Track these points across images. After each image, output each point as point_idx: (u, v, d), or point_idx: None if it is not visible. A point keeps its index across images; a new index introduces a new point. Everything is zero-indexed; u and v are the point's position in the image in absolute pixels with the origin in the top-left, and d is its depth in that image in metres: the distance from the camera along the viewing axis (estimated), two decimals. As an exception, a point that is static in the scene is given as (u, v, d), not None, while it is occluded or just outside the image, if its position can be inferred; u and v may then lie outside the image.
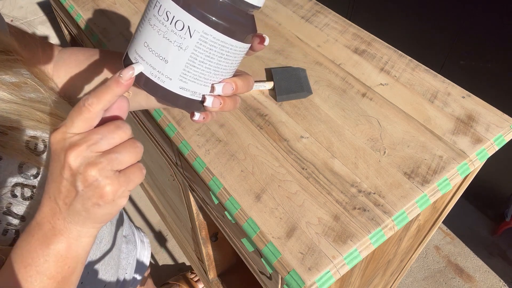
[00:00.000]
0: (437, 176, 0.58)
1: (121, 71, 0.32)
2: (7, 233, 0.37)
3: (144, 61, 0.35)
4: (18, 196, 0.38)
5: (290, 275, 0.50)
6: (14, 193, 0.38)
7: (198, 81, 0.36)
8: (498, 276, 1.49)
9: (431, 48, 1.41)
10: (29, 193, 0.39)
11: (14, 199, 0.38)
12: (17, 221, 0.38)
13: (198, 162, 0.62)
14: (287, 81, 0.71)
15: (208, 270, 1.15)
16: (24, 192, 0.39)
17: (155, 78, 0.36)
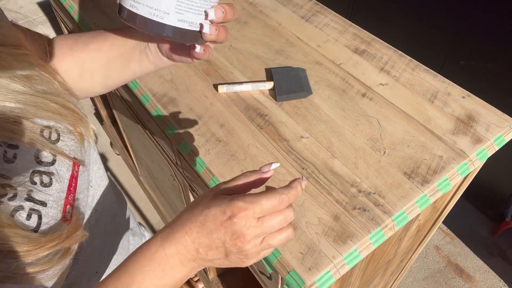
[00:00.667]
0: (437, 176, 0.58)
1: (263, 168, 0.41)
2: (31, 218, 0.39)
3: (140, 3, 0.39)
4: (37, 183, 0.40)
5: (290, 275, 0.50)
6: (33, 180, 0.40)
7: (192, 10, 0.40)
8: (498, 276, 1.49)
9: (431, 48, 1.41)
10: (47, 180, 0.41)
11: (34, 186, 0.40)
12: (39, 207, 0.40)
13: (198, 162, 0.62)
14: (287, 81, 0.71)
15: (208, 270, 1.15)
16: (42, 179, 0.41)
17: (155, 16, 0.39)
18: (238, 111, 0.68)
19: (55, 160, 0.42)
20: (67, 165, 0.44)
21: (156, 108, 0.71)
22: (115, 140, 1.53)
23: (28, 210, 0.38)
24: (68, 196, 0.44)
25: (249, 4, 0.89)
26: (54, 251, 0.39)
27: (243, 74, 0.74)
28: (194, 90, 0.72)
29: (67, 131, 0.44)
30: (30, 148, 0.40)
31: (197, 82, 0.74)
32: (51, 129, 0.42)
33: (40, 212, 0.40)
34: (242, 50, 0.79)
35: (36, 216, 0.39)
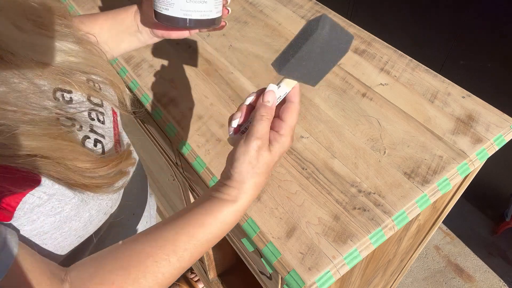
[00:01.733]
0: (437, 176, 0.58)
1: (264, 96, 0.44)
2: (97, 145, 0.47)
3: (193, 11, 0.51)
4: (95, 119, 0.48)
5: (290, 275, 0.50)
6: (91, 116, 0.48)
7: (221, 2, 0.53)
8: (498, 276, 1.49)
9: (431, 48, 1.41)
10: (102, 118, 0.50)
11: (93, 122, 0.48)
12: (101, 138, 0.48)
13: (198, 162, 0.62)
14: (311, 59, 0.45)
15: (208, 270, 1.15)
16: (98, 116, 0.49)
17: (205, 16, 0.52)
18: (238, 111, 0.68)
19: (102, 102, 0.51)
20: (110, 109, 0.53)
21: (156, 108, 0.71)
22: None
23: (94, 139, 0.47)
24: (115, 134, 0.52)
25: (249, 4, 0.89)
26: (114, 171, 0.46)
27: (243, 74, 0.74)
28: (194, 90, 0.72)
29: (106, 83, 0.53)
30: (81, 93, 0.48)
31: (197, 82, 0.74)
32: (93, 81, 0.51)
33: (102, 142, 0.48)
34: (242, 50, 0.79)
35: (100, 145, 0.47)
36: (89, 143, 0.46)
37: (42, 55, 0.44)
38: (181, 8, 0.50)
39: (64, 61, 0.47)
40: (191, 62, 0.78)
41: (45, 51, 0.45)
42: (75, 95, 0.47)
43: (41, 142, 0.39)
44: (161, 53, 0.80)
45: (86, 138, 0.46)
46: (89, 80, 0.50)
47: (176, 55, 0.79)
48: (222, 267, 1.18)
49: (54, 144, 0.40)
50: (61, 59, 0.46)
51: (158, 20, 0.52)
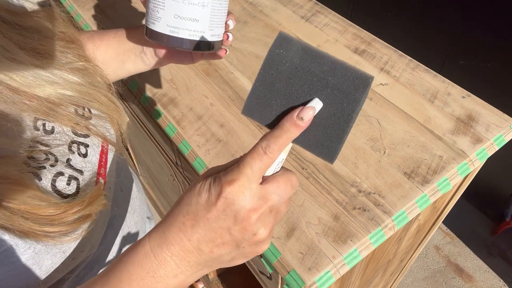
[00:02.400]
0: (437, 176, 0.58)
1: (299, 112, 0.31)
2: (70, 183, 0.42)
3: (181, 28, 0.45)
4: (75, 152, 0.44)
5: (290, 275, 0.50)
6: (72, 149, 0.44)
7: (219, 25, 0.48)
8: (498, 276, 1.49)
9: (431, 48, 1.41)
10: (84, 151, 0.46)
11: (72, 155, 0.44)
12: (77, 174, 0.43)
13: (198, 162, 0.62)
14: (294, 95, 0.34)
15: (208, 270, 1.15)
16: (80, 148, 0.46)
17: (195, 37, 0.47)
18: (238, 111, 0.68)
19: (88, 134, 0.47)
20: (98, 140, 0.49)
21: (156, 108, 0.71)
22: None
23: (67, 177, 0.42)
24: (100, 169, 0.48)
25: (249, 4, 0.89)
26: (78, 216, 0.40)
27: (243, 74, 0.74)
28: (194, 90, 0.72)
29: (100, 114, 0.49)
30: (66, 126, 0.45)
31: (197, 82, 0.74)
32: (83, 109, 0.47)
33: (78, 179, 0.43)
34: (242, 50, 0.79)
35: (75, 183, 0.43)
36: (61, 181, 0.41)
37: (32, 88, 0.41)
38: (167, 24, 0.45)
39: (56, 94, 0.43)
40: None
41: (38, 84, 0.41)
42: (58, 125, 0.44)
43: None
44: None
45: (59, 175, 0.41)
46: (78, 110, 0.46)
47: (176, 55, 0.79)
48: (222, 267, 1.18)
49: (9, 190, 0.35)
50: (53, 92, 0.43)
51: (146, 36, 0.48)
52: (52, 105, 0.43)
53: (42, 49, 0.44)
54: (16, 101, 0.39)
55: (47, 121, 0.43)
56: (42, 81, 0.42)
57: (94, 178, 0.46)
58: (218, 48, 0.50)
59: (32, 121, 0.41)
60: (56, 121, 0.44)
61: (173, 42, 0.47)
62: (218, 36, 0.49)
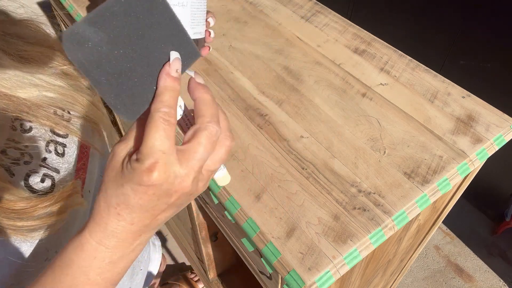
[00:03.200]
0: (437, 176, 0.58)
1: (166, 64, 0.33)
2: (44, 181, 0.43)
3: None
4: (52, 151, 0.45)
5: (290, 275, 0.50)
6: (48, 149, 0.45)
7: (200, 23, 0.48)
8: (498, 276, 1.49)
9: (431, 48, 1.41)
10: (61, 150, 0.46)
11: (49, 154, 0.44)
12: (53, 173, 0.44)
13: (198, 162, 0.62)
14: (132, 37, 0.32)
15: (208, 270, 1.15)
16: (57, 148, 0.46)
17: None
18: (238, 111, 0.68)
19: (67, 134, 0.48)
20: (77, 142, 0.49)
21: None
22: (115, 141, 1.53)
23: (42, 175, 0.43)
24: (79, 170, 0.48)
25: (249, 4, 0.89)
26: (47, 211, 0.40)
27: (243, 74, 0.74)
28: (194, 90, 0.72)
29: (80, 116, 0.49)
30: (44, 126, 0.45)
31: (197, 82, 0.74)
32: (63, 110, 0.47)
33: (53, 177, 0.44)
34: (242, 50, 0.79)
35: (49, 180, 0.43)
36: (34, 179, 0.41)
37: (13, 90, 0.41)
38: None
39: (38, 96, 0.43)
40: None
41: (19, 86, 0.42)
42: (36, 125, 0.44)
43: None
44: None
45: (32, 172, 0.41)
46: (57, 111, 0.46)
47: (176, 55, 0.79)
48: (222, 267, 1.18)
49: None
50: (35, 94, 0.43)
51: None
52: (32, 105, 0.43)
53: (26, 54, 0.44)
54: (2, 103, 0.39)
55: (26, 121, 0.43)
56: (24, 84, 0.42)
57: (72, 178, 0.46)
58: (202, 45, 0.53)
59: (10, 120, 0.42)
60: (35, 121, 0.44)
61: None
62: (201, 33, 0.51)
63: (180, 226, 1.24)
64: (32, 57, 0.45)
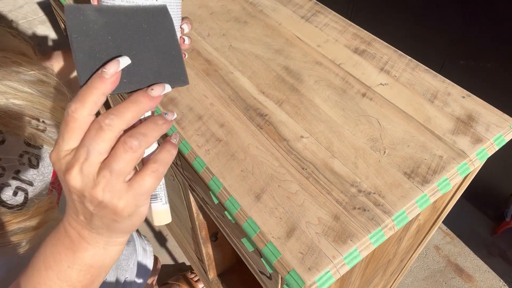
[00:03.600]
0: (437, 176, 0.59)
1: (104, 66, 0.29)
2: (17, 194, 0.42)
3: None
4: (25, 163, 0.43)
5: (290, 275, 0.50)
6: (22, 161, 0.43)
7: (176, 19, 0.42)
8: (498, 276, 1.49)
9: (431, 48, 1.41)
10: (35, 162, 0.45)
11: (22, 166, 0.43)
12: (26, 185, 0.43)
13: (198, 162, 0.62)
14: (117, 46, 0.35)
15: (208, 270, 1.15)
16: (31, 160, 0.44)
17: None
18: (238, 111, 0.68)
19: (42, 145, 0.46)
20: None
21: (156, 108, 0.71)
22: None
23: (14, 188, 0.41)
24: (54, 183, 0.47)
25: (249, 4, 0.89)
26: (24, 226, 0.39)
27: (243, 74, 0.74)
28: (194, 90, 0.72)
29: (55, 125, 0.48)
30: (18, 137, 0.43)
31: (197, 82, 0.74)
32: (38, 121, 0.46)
33: (26, 190, 0.42)
34: (242, 50, 0.79)
35: (22, 193, 0.42)
36: (6, 192, 0.40)
37: None
38: None
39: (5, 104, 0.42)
40: (191, 62, 0.78)
41: None
42: (10, 136, 0.43)
43: None
44: None
45: (4, 186, 0.41)
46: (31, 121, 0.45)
47: (176, 55, 0.79)
48: (222, 267, 1.18)
49: None
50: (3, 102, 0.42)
51: None
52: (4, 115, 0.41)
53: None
54: None
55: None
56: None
57: (47, 190, 0.45)
58: None
59: None
60: (8, 132, 0.42)
61: None
62: None
63: (180, 226, 1.24)
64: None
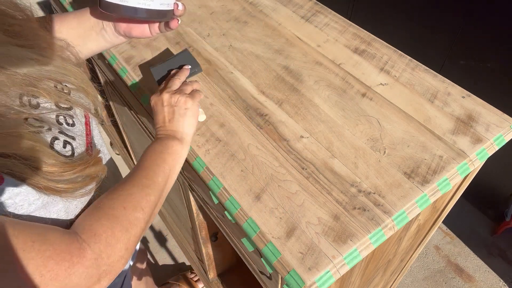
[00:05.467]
0: (437, 176, 0.58)
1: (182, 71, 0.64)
2: (66, 146, 0.47)
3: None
4: (63, 123, 0.49)
5: (290, 275, 0.50)
6: (59, 121, 0.49)
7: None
8: (498, 276, 1.49)
9: (431, 48, 1.41)
10: (71, 121, 0.51)
11: (61, 126, 0.49)
12: (70, 139, 0.49)
13: (198, 162, 0.62)
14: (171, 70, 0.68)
15: (208, 270, 1.15)
16: (67, 120, 0.50)
17: (143, 5, 0.52)
18: (238, 111, 0.68)
19: (71, 107, 0.52)
20: (81, 111, 0.54)
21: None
22: (115, 140, 1.53)
23: (63, 141, 0.47)
24: (87, 136, 0.54)
25: (249, 4, 0.89)
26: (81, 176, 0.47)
27: (243, 74, 0.74)
28: (194, 90, 0.72)
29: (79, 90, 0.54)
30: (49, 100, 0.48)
31: (197, 82, 0.74)
32: (62, 84, 0.51)
33: (72, 144, 0.48)
34: (242, 50, 0.79)
35: (70, 146, 0.48)
36: (58, 145, 0.46)
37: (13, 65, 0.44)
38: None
39: (36, 70, 0.46)
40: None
41: (17, 61, 0.45)
42: (42, 100, 0.47)
43: (4, 141, 0.39)
44: (161, 53, 0.80)
45: (55, 139, 0.46)
46: (57, 85, 0.50)
47: (176, 55, 0.79)
48: (222, 267, 1.18)
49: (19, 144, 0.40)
50: (33, 68, 0.46)
51: (99, 7, 0.53)
52: (33, 80, 0.45)
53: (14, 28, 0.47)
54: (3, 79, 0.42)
55: (32, 97, 0.46)
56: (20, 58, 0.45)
57: (84, 145, 0.51)
58: (170, 17, 0.56)
59: (18, 97, 0.44)
60: (40, 96, 0.47)
61: (125, 11, 0.52)
62: (168, 5, 0.55)
63: (180, 226, 1.24)
64: (20, 32, 0.47)
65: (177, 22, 0.59)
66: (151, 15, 0.53)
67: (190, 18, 0.86)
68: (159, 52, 0.80)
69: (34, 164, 0.41)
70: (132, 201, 0.47)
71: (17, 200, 0.41)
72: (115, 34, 0.61)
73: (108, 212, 0.44)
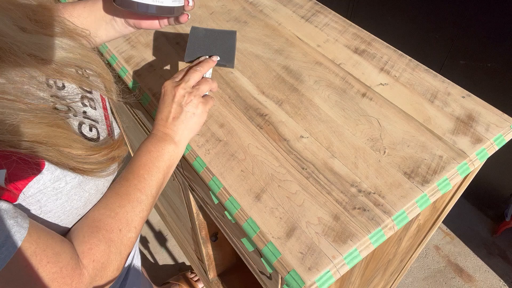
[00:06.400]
0: (437, 176, 0.58)
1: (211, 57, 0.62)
2: (92, 130, 0.51)
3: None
4: (87, 105, 0.53)
5: (290, 275, 0.50)
6: (84, 103, 0.52)
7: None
8: (498, 276, 1.49)
9: (431, 48, 1.41)
10: (93, 104, 0.54)
11: (86, 108, 0.52)
12: (94, 123, 0.52)
13: (198, 162, 0.62)
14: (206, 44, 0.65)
15: (208, 270, 1.15)
16: (90, 102, 0.54)
17: (157, 2, 0.55)
18: (238, 111, 0.68)
19: (92, 90, 0.55)
20: (98, 96, 0.57)
21: (156, 109, 0.71)
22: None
23: (88, 124, 0.51)
24: (106, 120, 0.57)
25: (249, 4, 0.89)
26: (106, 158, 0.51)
27: (243, 74, 0.74)
28: (194, 90, 0.72)
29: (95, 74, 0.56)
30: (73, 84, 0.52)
31: (197, 82, 0.74)
32: (82, 70, 0.54)
33: (96, 127, 0.52)
34: (242, 50, 0.79)
35: (95, 129, 0.52)
36: (84, 128, 0.50)
37: (43, 53, 0.47)
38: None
39: (64, 58, 0.50)
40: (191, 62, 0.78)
41: (47, 49, 0.48)
42: (66, 82, 0.51)
43: (38, 129, 0.42)
44: (161, 53, 0.80)
45: (81, 124, 0.50)
46: (78, 70, 0.53)
47: (176, 55, 0.79)
48: (222, 267, 1.18)
49: (50, 131, 0.43)
50: (61, 55, 0.50)
51: (115, 3, 0.55)
52: (57, 66, 0.49)
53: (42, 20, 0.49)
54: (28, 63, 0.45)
55: (57, 79, 0.49)
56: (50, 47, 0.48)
57: (106, 128, 0.55)
58: (180, 13, 0.59)
59: (45, 80, 0.47)
60: (63, 79, 0.50)
61: (140, 8, 0.54)
62: (179, 1, 0.57)
63: (180, 226, 1.24)
64: (48, 23, 0.50)
65: (187, 16, 0.61)
66: (163, 11, 0.56)
67: (190, 18, 0.86)
68: (159, 52, 0.80)
69: (64, 150, 0.44)
70: (127, 221, 0.49)
71: (56, 183, 0.44)
72: (125, 25, 0.63)
73: (106, 236, 0.47)
